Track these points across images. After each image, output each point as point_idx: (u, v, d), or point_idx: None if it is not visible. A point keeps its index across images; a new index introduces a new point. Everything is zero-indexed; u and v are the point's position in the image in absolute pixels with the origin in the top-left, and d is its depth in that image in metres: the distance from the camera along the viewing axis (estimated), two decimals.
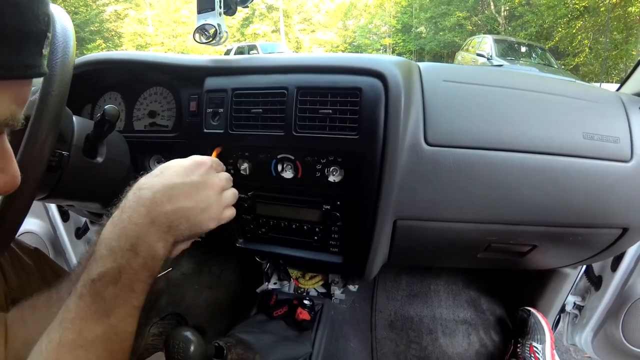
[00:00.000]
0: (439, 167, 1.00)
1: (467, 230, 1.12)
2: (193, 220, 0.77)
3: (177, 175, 0.77)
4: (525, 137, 1.02)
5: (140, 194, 0.73)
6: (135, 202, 0.72)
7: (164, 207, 0.72)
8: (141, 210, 0.71)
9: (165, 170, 0.78)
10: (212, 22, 1.07)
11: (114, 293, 0.65)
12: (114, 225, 0.70)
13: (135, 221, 0.69)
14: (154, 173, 0.77)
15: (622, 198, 1.08)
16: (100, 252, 0.67)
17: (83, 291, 0.64)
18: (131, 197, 0.73)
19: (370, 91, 0.94)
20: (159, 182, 0.74)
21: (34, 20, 0.43)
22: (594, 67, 15.58)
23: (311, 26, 33.84)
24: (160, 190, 0.73)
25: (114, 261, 0.66)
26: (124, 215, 0.70)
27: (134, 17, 28.34)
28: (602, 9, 15.00)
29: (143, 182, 0.75)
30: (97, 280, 0.65)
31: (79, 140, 0.99)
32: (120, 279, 0.66)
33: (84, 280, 0.65)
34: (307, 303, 1.62)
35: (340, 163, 1.03)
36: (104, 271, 0.65)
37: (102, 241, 0.68)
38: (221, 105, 1.08)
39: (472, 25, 21.74)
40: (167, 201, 0.73)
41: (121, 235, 0.68)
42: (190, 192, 0.77)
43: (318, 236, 1.16)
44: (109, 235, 0.69)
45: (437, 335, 1.84)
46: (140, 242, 0.68)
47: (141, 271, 0.69)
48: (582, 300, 1.77)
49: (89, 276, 0.65)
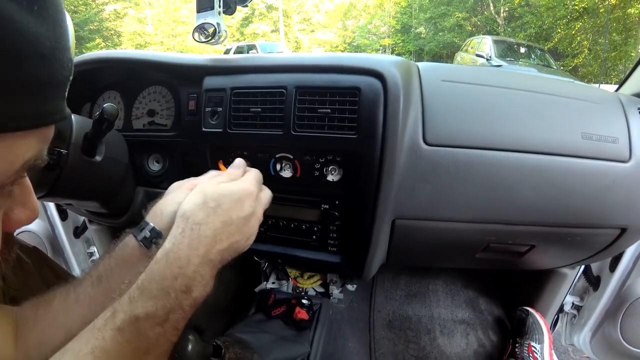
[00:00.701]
0: (437, 167, 1.00)
1: (466, 230, 1.12)
2: (240, 250, 0.77)
3: (233, 210, 0.73)
4: (523, 137, 1.02)
5: (201, 231, 0.69)
6: (195, 240, 0.68)
7: (222, 244, 0.71)
8: (201, 250, 0.68)
9: (219, 203, 0.72)
10: (211, 21, 1.07)
11: (159, 332, 0.63)
12: (168, 262, 0.66)
13: (195, 262, 0.67)
14: (208, 204, 0.72)
15: (620, 198, 1.08)
16: (150, 290, 0.63)
17: (124, 325, 0.61)
18: (189, 234, 0.68)
19: (369, 91, 0.95)
20: (219, 220, 0.71)
21: (60, 69, 0.43)
22: (593, 68, 15.59)
23: (310, 26, 33.85)
24: (220, 228, 0.70)
25: (166, 302, 0.63)
26: (181, 253, 0.66)
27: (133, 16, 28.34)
28: (602, 10, 15.01)
29: (201, 218, 0.70)
30: (143, 319, 0.61)
31: (77, 139, 0.99)
32: (168, 320, 0.63)
33: (127, 314, 0.61)
34: (305, 302, 1.62)
35: (339, 162, 1.03)
36: (153, 312, 0.62)
37: (154, 278, 0.64)
38: (220, 105, 1.08)
39: (471, 26, 21.74)
40: (226, 239, 0.72)
41: (178, 275, 0.65)
42: (242, 227, 0.75)
43: (316, 235, 1.16)
44: (162, 272, 0.65)
45: (436, 335, 1.84)
46: (196, 283, 0.66)
47: (189, 311, 0.67)
48: (580, 301, 1.77)
49: (133, 312, 0.61)
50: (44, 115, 0.44)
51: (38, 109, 0.42)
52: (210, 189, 0.75)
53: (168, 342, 0.65)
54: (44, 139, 0.48)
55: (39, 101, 0.42)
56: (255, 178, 0.83)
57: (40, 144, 0.47)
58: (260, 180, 0.86)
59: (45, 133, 0.47)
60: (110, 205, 1.25)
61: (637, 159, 1.06)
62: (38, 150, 0.47)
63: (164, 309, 0.63)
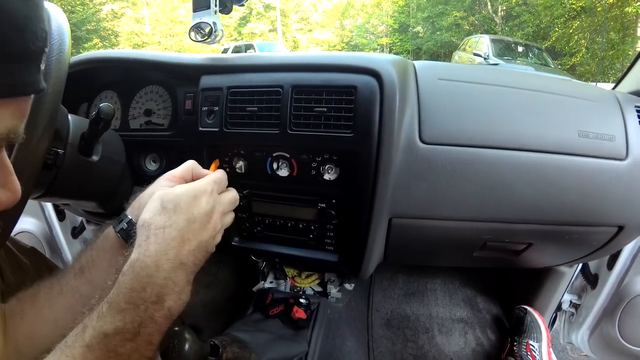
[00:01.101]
0: (433, 165, 1.00)
1: (463, 228, 1.12)
2: (209, 249, 0.73)
3: (192, 207, 0.70)
4: (520, 135, 1.02)
5: (166, 234, 0.65)
6: (162, 245, 0.64)
7: (191, 244, 0.67)
8: (170, 253, 0.64)
9: (177, 203, 0.69)
10: (207, 21, 1.07)
11: (131, 348, 0.60)
12: (135, 273, 0.62)
13: (165, 267, 0.63)
14: (167, 207, 0.68)
15: (617, 196, 1.09)
16: (118, 303, 0.60)
17: (93, 343, 0.58)
18: (154, 239, 0.64)
19: (366, 89, 0.95)
20: (182, 219, 0.67)
21: (32, 38, 0.43)
22: (591, 66, 15.61)
23: (308, 25, 33.84)
24: (185, 227, 0.67)
25: (136, 316, 0.60)
26: (148, 261, 0.62)
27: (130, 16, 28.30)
28: (599, 9, 15.03)
29: (163, 221, 0.66)
30: (111, 336, 0.58)
31: (74, 139, 0.98)
32: (140, 334, 0.60)
33: (96, 330, 0.59)
34: (303, 302, 1.62)
35: (335, 161, 1.03)
36: (122, 327, 0.59)
37: (121, 290, 0.61)
38: (216, 104, 1.08)
39: (469, 25, 21.76)
40: (193, 237, 0.68)
41: (146, 285, 0.61)
42: (205, 223, 0.72)
43: (313, 234, 1.17)
44: (129, 284, 0.61)
45: (434, 333, 1.84)
46: (168, 291, 0.63)
47: (164, 323, 0.63)
48: (578, 299, 1.77)
49: (101, 328, 0.59)
50: (17, 85, 0.44)
51: (11, 79, 0.42)
52: (163, 192, 0.72)
53: (143, 358, 0.62)
54: (19, 114, 0.48)
55: (11, 71, 0.42)
56: (211, 178, 0.79)
57: (14, 119, 0.47)
58: (220, 181, 0.82)
59: (20, 107, 0.47)
60: (108, 205, 1.25)
61: (634, 156, 1.07)
62: (12, 126, 0.47)
63: (134, 322, 0.60)
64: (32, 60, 0.45)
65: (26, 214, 1.75)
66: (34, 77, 0.46)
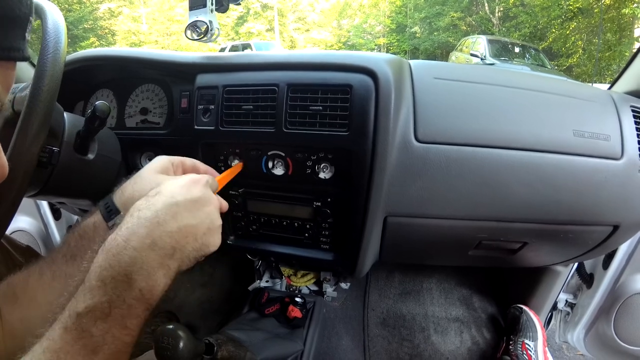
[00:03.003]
0: (429, 164, 1.00)
1: (458, 227, 1.12)
2: (200, 239, 0.71)
3: (177, 193, 0.70)
4: (515, 134, 1.02)
5: (140, 214, 0.65)
6: (134, 224, 0.64)
7: (168, 225, 0.66)
8: (141, 231, 0.63)
9: (162, 189, 0.71)
10: (203, 19, 1.07)
11: (103, 329, 0.58)
12: (106, 251, 0.62)
13: (134, 245, 0.62)
14: (150, 194, 0.70)
15: (612, 195, 1.09)
16: (89, 282, 0.60)
17: (68, 323, 0.58)
18: (128, 220, 0.65)
19: (361, 88, 0.95)
20: (160, 201, 0.67)
21: (17, 3, 0.43)
22: (587, 67, 15.62)
23: (306, 25, 33.84)
24: (162, 208, 0.66)
25: (105, 294, 0.59)
26: (119, 239, 0.62)
27: (127, 15, 28.20)
28: (596, 10, 15.05)
29: (141, 204, 0.68)
30: (83, 315, 0.58)
31: (70, 137, 0.98)
32: (111, 314, 0.59)
33: (70, 310, 0.59)
34: (298, 301, 1.62)
35: (330, 160, 1.03)
36: (92, 305, 0.58)
37: (93, 270, 0.61)
38: (212, 102, 1.08)
39: (466, 26, 21.79)
40: (172, 219, 0.66)
41: (114, 262, 0.60)
42: (193, 209, 0.71)
43: (309, 233, 1.17)
44: (100, 262, 0.61)
45: (430, 333, 1.84)
46: (136, 270, 0.61)
47: (136, 305, 0.61)
48: (574, 298, 1.78)
49: (75, 308, 0.58)
50: (1, 48, 0.44)
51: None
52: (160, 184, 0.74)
53: (119, 342, 0.60)
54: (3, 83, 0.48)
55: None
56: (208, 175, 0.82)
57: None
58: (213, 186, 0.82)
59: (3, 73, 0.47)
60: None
61: (629, 156, 1.07)
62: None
63: (103, 302, 0.59)
64: (17, 25, 0.45)
65: (22, 212, 1.75)
66: (19, 44, 0.46)
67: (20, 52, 0.47)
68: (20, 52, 0.47)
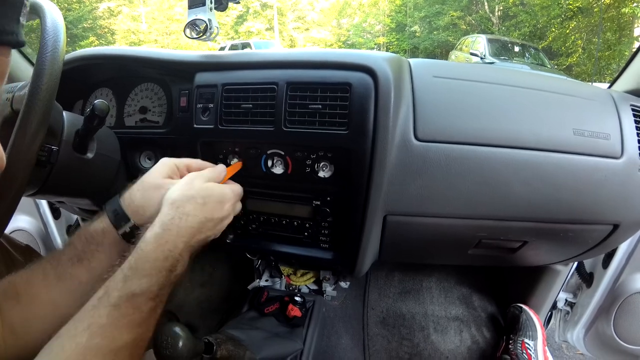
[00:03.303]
0: (428, 163, 1.00)
1: (457, 226, 1.12)
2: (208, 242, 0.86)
3: (215, 209, 0.84)
4: (515, 133, 1.02)
5: (188, 222, 0.78)
6: (182, 229, 0.77)
7: (201, 236, 0.80)
8: (185, 237, 0.76)
9: (206, 201, 0.82)
10: (202, 17, 1.07)
11: (151, 307, 0.70)
12: (159, 244, 0.73)
13: (179, 246, 0.75)
14: (197, 200, 0.81)
15: (612, 194, 1.09)
16: (143, 269, 0.71)
17: (120, 302, 0.67)
18: (177, 222, 0.77)
19: (360, 86, 0.94)
20: (203, 214, 0.80)
21: None
22: (587, 67, 15.62)
23: (305, 24, 33.83)
24: (203, 222, 0.80)
25: (159, 279, 0.71)
26: (169, 238, 0.75)
27: (127, 14, 28.17)
28: (596, 9, 15.04)
29: (189, 210, 0.79)
30: (139, 295, 0.68)
31: (69, 136, 0.98)
32: (158, 295, 0.71)
33: (123, 291, 0.68)
34: (298, 300, 1.62)
35: (330, 158, 1.03)
36: (147, 288, 0.69)
37: (147, 258, 0.72)
38: (211, 101, 1.08)
39: (466, 25, 21.79)
40: (204, 232, 0.81)
41: (168, 256, 0.73)
42: (217, 224, 0.86)
43: (308, 232, 1.16)
44: (154, 253, 0.72)
45: (429, 332, 1.84)
46: (179, 264, 0.75)
47: (171, 286, 0.75)
48: (573, 297, 1.78)
49: (129, 289, 0.68)
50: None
51: None
52: (199, 184, 0.84)
53: (156, 315, 0.72)
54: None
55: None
56: (238, 190, 0.95)
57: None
58: (241, 194, 0.97)
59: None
60: (102, 203, 1.24)
61: (629, 155, 1.07)
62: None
63: (157, 285, 0.71)
64: (10, 7, 0.45)
65: (21, 212, 1.75)
66: (12, 27, 0.46)
67: (14, 36, 0.46)
68: (14, 35, 0.46)
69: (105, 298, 0.67)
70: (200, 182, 0.85)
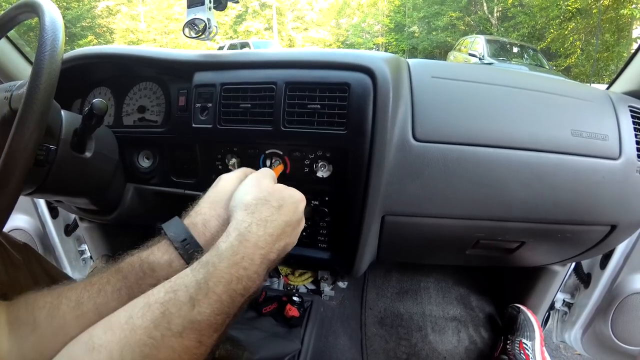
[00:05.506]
0: (426, 163, 1.00)
1: (455, 226, 1.12)
2: (286, 253, 0.74)
3: (292, 212, 0.73)
4: (513, 134, 1.02)
5: (267, 228, 0.67)
6: (262, 238, 0.65)
7: (280, 243, 0.69)
8: (265, 248, 0.65)
9: (282, 204, 0.72)
10: (201, 17, 1.07)
11: (215, 340, 0.58)
12: (235, 262, 0.61)
13: (256, 260, 0.63)
14: (271, 203, 0.71)
15: (610, 195, 1.09)
16: (215, 292, 0.57)
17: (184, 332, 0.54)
18: (255, 230, 0.65)
19: (359, 86, 0.94)
20: (282, 219, 0.70)
21: None
22: (586, 68, 15.63)
23: (304, 24, 33.80)
24: (282, 227, 0.69)
25: (228, 306, 0.58)
26: (248, 252, 0.62)
27: (126, 13, 28.10)
28: (595, 10, 15.05)
29: (266, 215, 0.68)
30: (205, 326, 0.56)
31: (67, 135, 0.98)
32: (222, 325, 0.58)
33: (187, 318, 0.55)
34: (296, 300, 1.62)
35: (328, 158, 1.03)
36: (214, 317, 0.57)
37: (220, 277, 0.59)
38: (210, 100, 1.08)
39: (464, 26, 21.79)
40: (284, 238, 0.70)
41: (242, 277, 0.60)
42: (295, 228, 0.75)
43: (306, 232, 1.16)
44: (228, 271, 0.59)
45: (427, 332, 1.84)
46: (252, 285, 0.61)
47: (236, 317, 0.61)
48: (571, 298, 1.78)
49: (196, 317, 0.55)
50: None
51: None
52: (268, 185, 0.75)
53: (214, 350, 0.59)
54: None
55: None
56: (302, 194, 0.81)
57: None
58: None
59: None
60: (100, 202, 1.25)
61: (627, 156, 1.07)
62: None
63: (224, 314, 0.58)
64: None
65: (19, 211, 1.74)
66: None
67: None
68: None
69: (163, 323, 0.54)
70: (269, 182, 0.77)
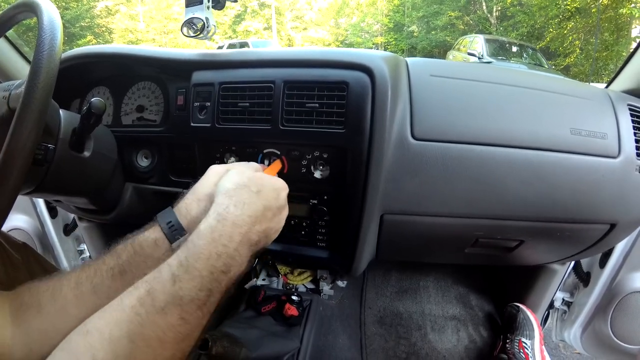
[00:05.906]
0: (425, 162, 1.00)
1: (454, 224, 1.12)
2: (270, 239, 0.78)
3: (273, 198, 0.77)
4: (512, 132, 1.02)
5: (244, 209, 0.70)
6: (239, 217, 0.69)
7: (261, 226, 0.73)
8: (243, 227, 0.69)
9: (260, 189, 0.75)
10: (200, 16, 1.07)
11: (198, 318, 0.61)
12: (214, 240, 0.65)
13: (235, 239, 0.67)
14: (251, 188, 0.74)
15: (609, 194, 1.09)
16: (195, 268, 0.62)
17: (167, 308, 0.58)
18: (233, 210, 0.69)
19: (357, 85, 0.95)
20: (260, 202, 0.73)
21: None
22: (585, 67, 15.63)
23: (303, 24, 33.79)
24: (260, 210, 0.73)
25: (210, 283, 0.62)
26: (225, 230, 0.67)
27: (125, 13, 28.08)
28: (594, 10, 15.05)
29: (245, 197, 0.72)
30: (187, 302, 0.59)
31: (65, 134, 0.98)
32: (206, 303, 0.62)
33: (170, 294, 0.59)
34: (295, 299, 1.62)
35: (326, 159, 1.03)
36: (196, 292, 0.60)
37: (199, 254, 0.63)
38: (208, 99, 1.08)
39: (464, 25, 21.78)
40: (264, 222, 0.74)
41: (222, 253, 0.64)
42: (276, 215, 0.78)
43: (305, 231, 1.16)
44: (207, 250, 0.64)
45: (426, 331, 1.84)
46: (234, 263, 0.66)
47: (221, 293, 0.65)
48: (570, 297, 1.78)
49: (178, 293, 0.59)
50: None
51: None
52: (250, 173, 0.78)
53: (200, 329, 0.63)
54: None
55: None
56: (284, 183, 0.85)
57: None
58: None
59: None
60: (99, 201, 1.25)
61: (626, 154, 1.07)
62: None
63: (206, 290, 0.62)
64: None
65: (18, 211, 1.74)
66: None
67: None
68: None
69: (148, 300, 0.58)
70: (251, 172, 0.80)
